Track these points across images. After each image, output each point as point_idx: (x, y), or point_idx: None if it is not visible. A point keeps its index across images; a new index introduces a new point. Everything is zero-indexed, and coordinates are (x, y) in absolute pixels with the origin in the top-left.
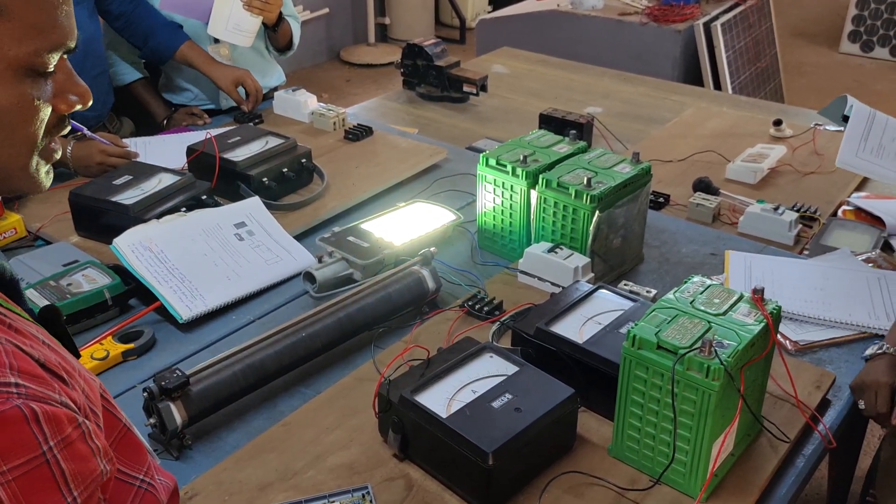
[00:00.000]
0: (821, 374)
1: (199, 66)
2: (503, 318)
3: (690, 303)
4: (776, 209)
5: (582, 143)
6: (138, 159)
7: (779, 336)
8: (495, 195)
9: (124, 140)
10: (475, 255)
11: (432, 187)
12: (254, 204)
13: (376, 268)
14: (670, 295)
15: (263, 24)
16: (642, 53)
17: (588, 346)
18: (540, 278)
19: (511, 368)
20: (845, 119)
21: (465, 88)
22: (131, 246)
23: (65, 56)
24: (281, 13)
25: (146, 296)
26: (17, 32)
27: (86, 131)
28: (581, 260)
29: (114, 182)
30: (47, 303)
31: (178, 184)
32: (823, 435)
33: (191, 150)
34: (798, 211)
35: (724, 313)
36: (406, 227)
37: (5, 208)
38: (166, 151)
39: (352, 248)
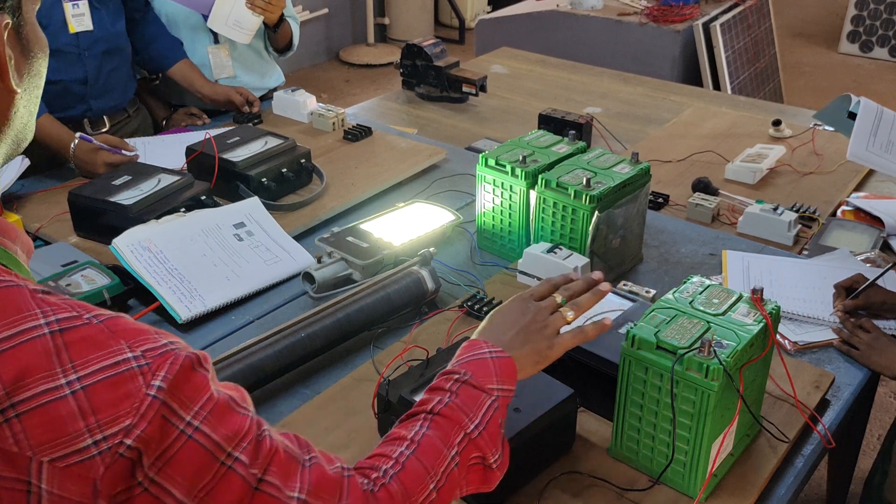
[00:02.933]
0: (820, 375)
1: (193, 84)
2: None
3: (689, 303)
4: (775, 209)
5: (581, 144)
6: (138, 160)
7: (778, 336)
8: (494, 195)
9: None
10: (474, 256)
11: (431, 187)
12: (253, 204)
13: (375, 268)
14: (669, 295)
15: (264, 24)
16: (641, 54)
17: (587, 346)
18: (539, 278)
19: None
20: (851, 116)
21: (465, 89)
22: (130, 246)
23: None
24: (282, 14)
25: (145, 296)
26: None
27: (94, 142)
28: (580, 260)
29: (113, 182)
30: None
31: (178, 184)
32: (822, 435)
33: (190, 151)
34: (797, 211)
35: (724, 313)
36: (405, 227)
37: (5, 209)
38: (165, 152)
39: (351, 249)
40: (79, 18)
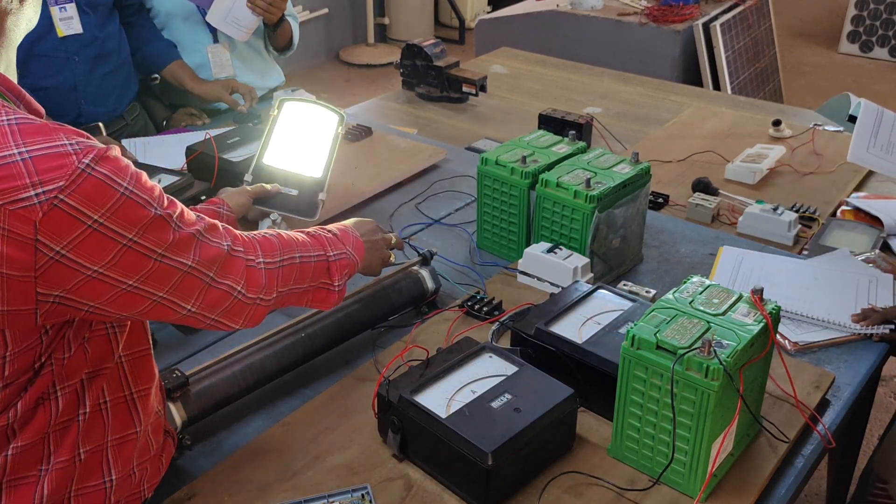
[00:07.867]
0: (820, 375)
1: (186, 84)
2: (502, 319)
3: (689, 303)
4: (775, 209)
5: (581, 144)
6: (137, 160)
7: (778, 336)
8: (495, 195)
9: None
10: (474, 256)
11: (432, 188)
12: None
13: None
14: (669, 295)
15: (264, 23)
16: (641, 54)
17: (587, 347)
18: (539, 278)
19: (510, 368)
20: (851, 119)
21: (465, 89)
22: None
23: None
24: (282, 14)
25: None
26: None
27: None
28: (580, 260)
29: None
30: None
31: (178, 184)
32: (823, 435)
33: (190, 151)
34: (797, 211)
35: (724, 313)
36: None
37: None
38: (165, 151)
39: None
40: (67, 22)
